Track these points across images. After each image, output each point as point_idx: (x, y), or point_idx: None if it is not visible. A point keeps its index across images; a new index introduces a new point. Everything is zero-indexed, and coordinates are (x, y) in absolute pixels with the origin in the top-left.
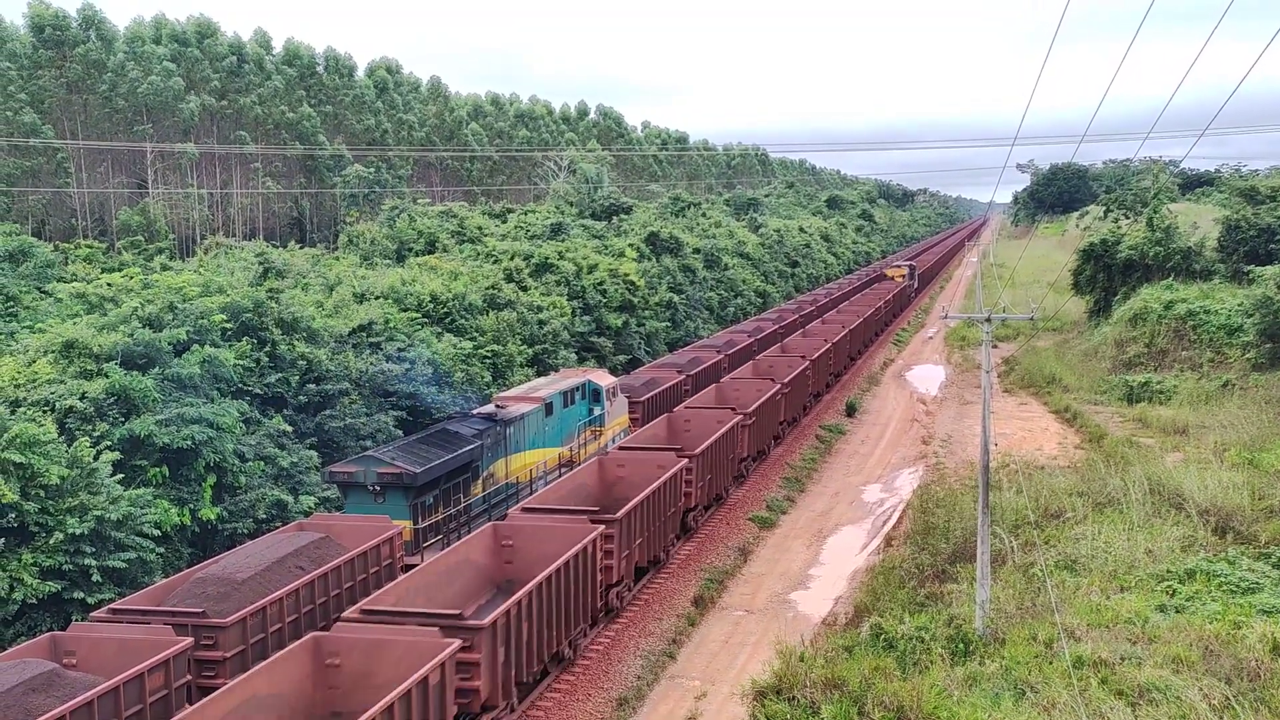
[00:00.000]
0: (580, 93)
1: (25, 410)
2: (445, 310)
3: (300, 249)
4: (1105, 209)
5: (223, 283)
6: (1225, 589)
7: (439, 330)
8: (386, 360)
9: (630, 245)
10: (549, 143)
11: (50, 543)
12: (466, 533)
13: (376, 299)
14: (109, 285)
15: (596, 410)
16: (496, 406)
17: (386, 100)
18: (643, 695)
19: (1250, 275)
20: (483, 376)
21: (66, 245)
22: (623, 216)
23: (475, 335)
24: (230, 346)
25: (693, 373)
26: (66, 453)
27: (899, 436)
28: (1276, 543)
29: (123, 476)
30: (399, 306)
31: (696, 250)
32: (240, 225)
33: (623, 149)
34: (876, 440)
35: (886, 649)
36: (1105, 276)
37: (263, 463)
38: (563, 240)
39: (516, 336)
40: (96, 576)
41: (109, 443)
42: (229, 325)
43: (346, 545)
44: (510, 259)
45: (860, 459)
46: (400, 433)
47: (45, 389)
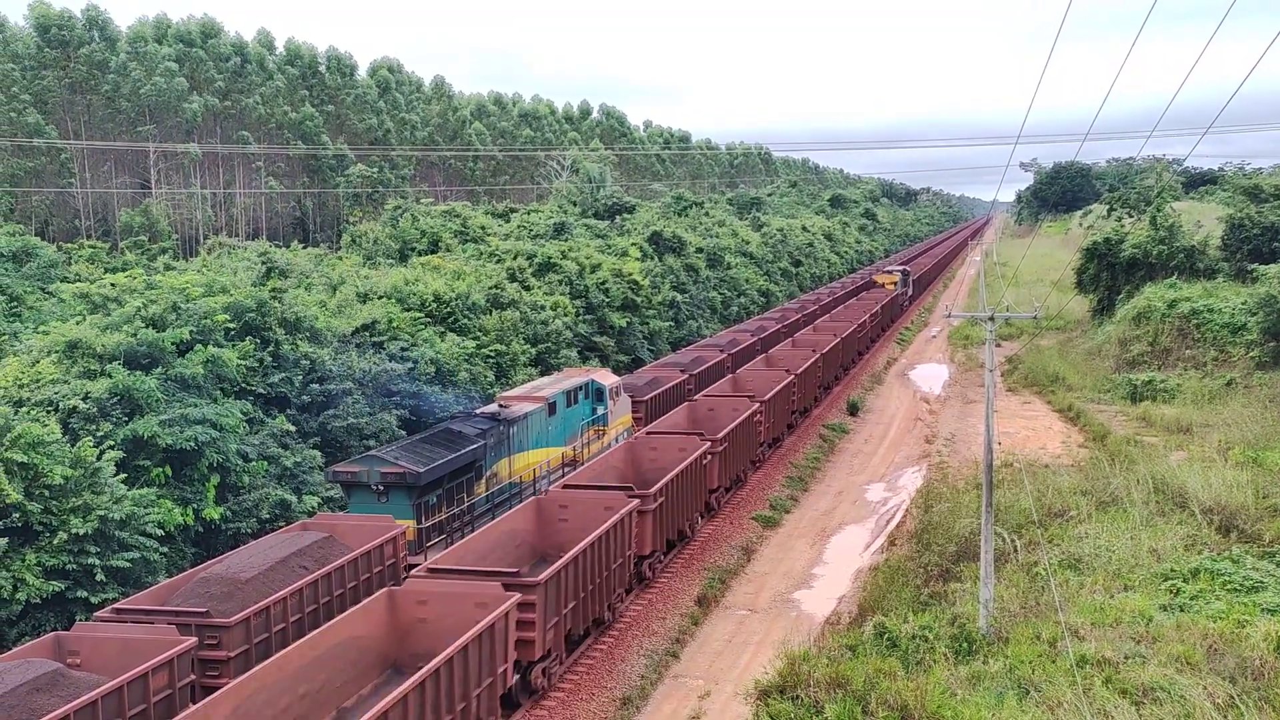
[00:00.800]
0: (582, 92)
1: (29, 410)
2: (448, 310)
3: (303, 249)
4: (1108, 208)
5: (226, 283)
6: (1229, 588)
7: (442, 330)
8: (390, 360)
9: (633, 245)
10: (552, 142)
11: (54, 542)
12: (470, 531)
13: (379, 299)
14: (112, 285)
15: (600, 409)
16: (500, 406)
17: (389, 100)
18: (646, 695)
19: (1254, 273)
20: (486, 376)
21: (70, 246)
22: (626, 216)
23: (478, 335)
24: (233, 346)
25: (696, 372)
26: (70, 453)
27: (902, 435)
28: None
29: (126, 476)
30: (402, 306)
31: (699, 249)
32: (243, 225)
33: (625, 148)
34: (880, 439)
35: (890, 648)
36: (1109, 275)
37: (266, 462)
38: (566, 240)
39: (519, 336)
40: (100, 576)
41: (112, 443)
42: (232, 325)
43: (350, 545)
44: (513, 258)
45: (864, 458)
46: (403, 432)
47: (49, 389)
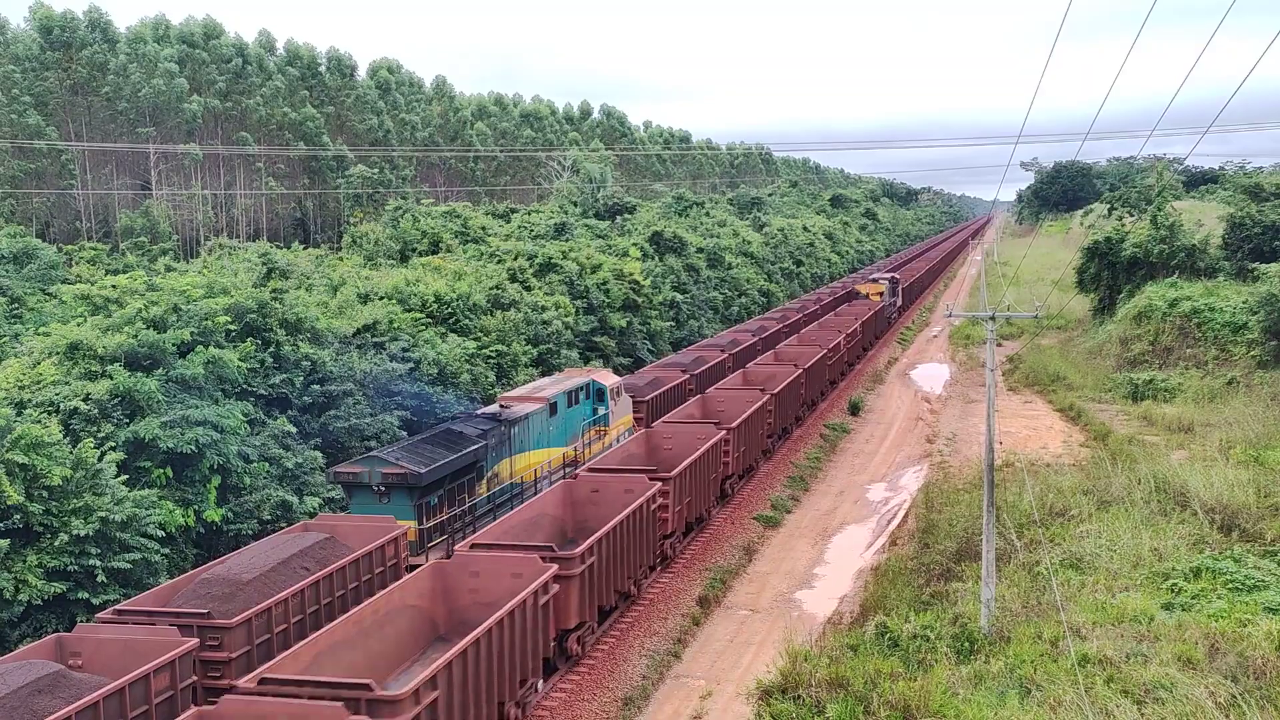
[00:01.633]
0: (581, 93)
1: (30, 412)
2: (449, 310)
3: (304, 249)
4: (1109, 207)
5: (226, 284)
6: (1231, 587)
7: (443, 330)
8: (391, 360)
9: (634, 245)
10: (553, 143)
11: (55, 544)
12: (471, 532)
13: (380, 299)
14: (113, 287)
15: (601, 410)
16: (501, 406)
17: (389, 101)
18: (648, 695)
19: (1255, 272)
20: (487, 376)
21: (71, 247)
22: (626, 216)
23: (479, 335)
24: (234, 347)
25: (697, 372)
26: (71, 454)
27: (903, 435)
28: None
29: (127, 478)
30: (403, 307)
31: (700, 249)
32: (244, 226)
33: (626, 148)
34: (881, 439)
35: (892, 648)
36: (1109, 274)
37: (267, 464)
38: (566, 240)
39: (521, 336)
40: (101, 577)
41: (113, 444)
42: (233, 326)
43: (351, 546)
44: (514, 259)
45: (865, 458)
46: (405, 433)
47: (50, 390)
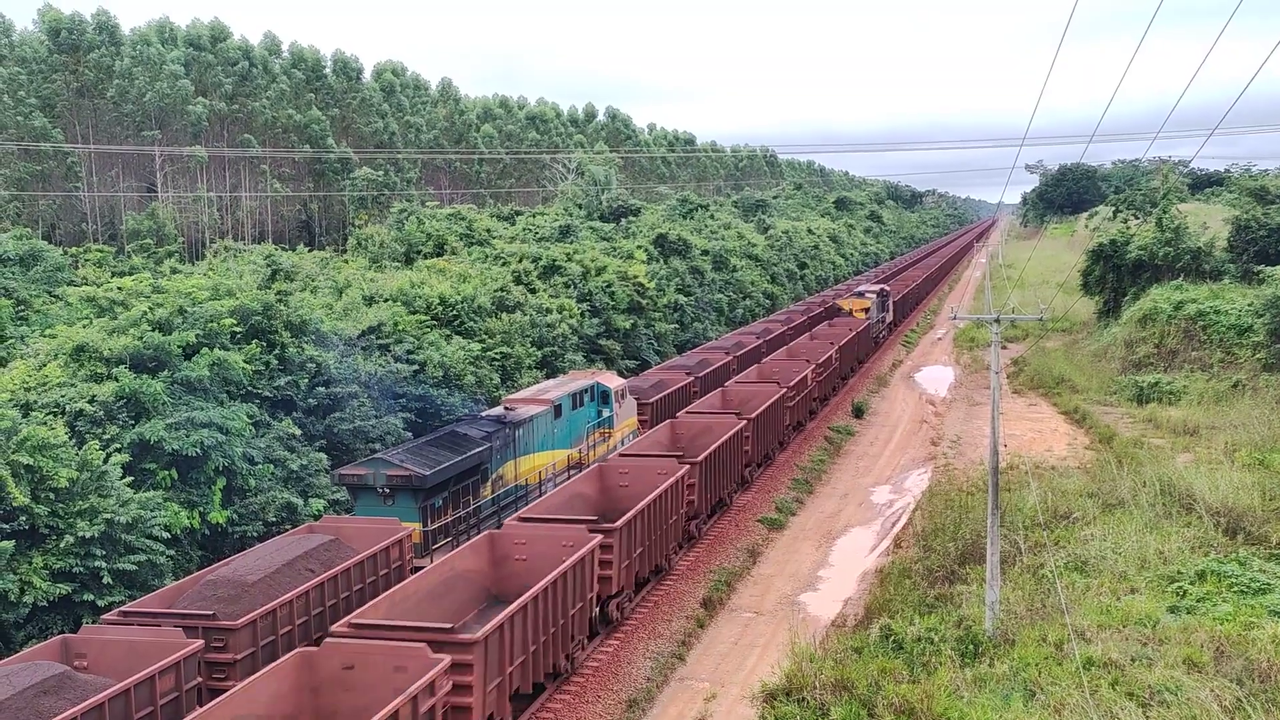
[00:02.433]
0: (584, 95)
1: (36, 414)
2: (454, 312)
3: (309, 252)
4: (1114, 209)
5: (232, 286)
6: (1236, 590)
7: (448, 332)
8: (396, 362)
9: (639, 247)
10: (558, 145)
11: (61, 545)
12: (476, 534)
13: (385, 301)
14: (119, 289)
15: (605, 412)
16: (505, 409)
17: (393, 103)
18: (652, 697)
19: (1260, 275)
20: (491, 379)
21: (76, 249)
22: (631, 218)
23: (484, 337)
24: (239, 350)
25: (701, 374)
26: (76, 456)
27: (908, 438)
28: None
29: (132, 479)
30: (408, 309)
31: (705, 252)
32: (249, 228)
33: (631, 151)
34: (885, 441)
35: (896, 650)
36: (1114, 277)
37: (272, 466)
38: (571, 242)
39: (525, 339)
40: (107, 579)
41: (119, 446)
42: (238, 328)
43: (356, 547)
44: (519, 261)
45: (869, 460)
46: (409, 435)
47: (55, 392)
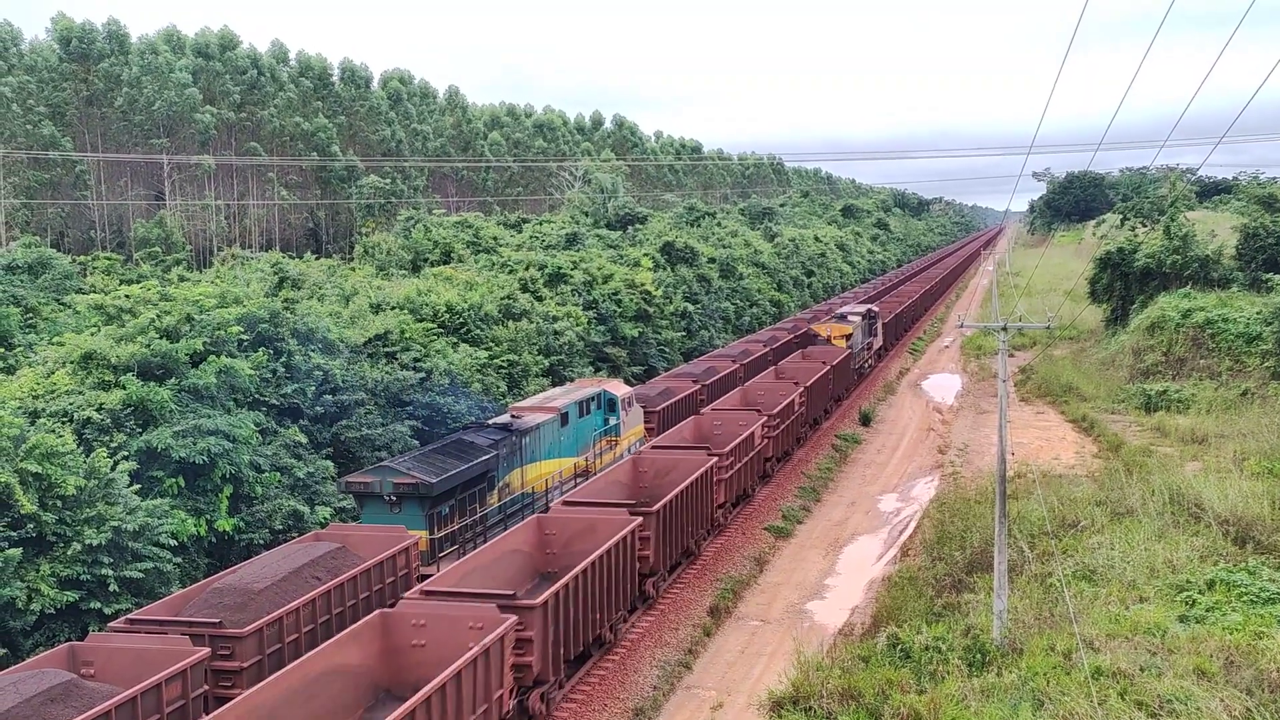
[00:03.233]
0: (592, 103)
1: (44, 421)
2: (461, 320)
3: (316, 259)
4: (1122, 217)
5: (239, 293)
6: (1246, 599)
7: (455, 340)
8: (402, 370)
9: (646, 255)
10: (565, 153)
11: (68, 553)
12: (482, 542)
13: (392, 309)
14: (127, 297)
15: (612, 420)
16: (512, 416)
17: (401, 111)
18: (659, 706)
19: (1269, 283)
20: (498, 387)
21: (85, 257)
22: (638, 226)
23: (491, 345)
24: (246, 357)
25: (708, 382)
26: (84, 463)
27: (915, 446)
28: None
29: (140, 487)
30: (415, 317)
31: (712, 260)
32: (256, 236)
33: (638, 159)
34: (893, 449)
35: (903, 659)
36: (1122, 285)
37: (279, 473)
38: (578, 250)
39: (532, 346)
40: (114, 587)
41: (126, 454)
42: (245, 336)
43: (363, 555)
44: (525, 269)
45: (876, 468)
46: (416, 443)
47: (63, 400)
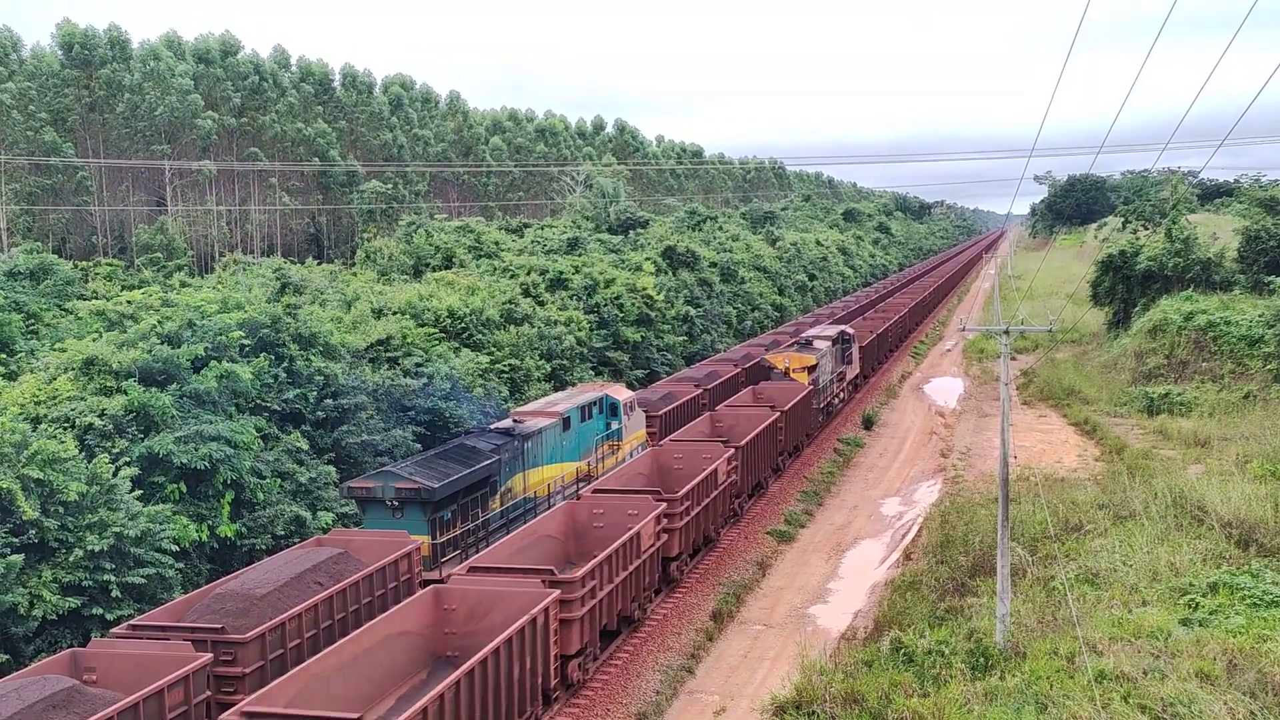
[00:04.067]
0: (590, 107)
1: (46, 427)
2: (462, 325)
3: (317, 265)
4: (1124, 220)
5: (240, 299)
6: (1249, 602)
7: (456, 345)
8: (404, 375)
9: (647, 259)
10: (566, 157)
11: (70, 559)
12: (484, 547)
13: (394, 314)
14: (129, 302)
15: (614, 424)
16: (514, 421)
17: (402, 116)
18: (661, 711)
19: (1271, 286)
20: (500, 391)
21: (87, 263)
22: (639, 230)
23: (492, 350)
24: (248, 363)
25: (710, 386)
26: (86, 469)
27: (917, 449)
28: None
29: (141, 493)
30: (416, 321)
31: (713, 264)
32: (258, 242)
33: (639, 163)
34: (895, 453)
35: (906, 663)
36: (1124, 288)
37: (281, 479)
38: (579, 255)
39: (534, 351)
40: (116, 592)
41: (128, 459)
42: (247, 341)
43: (365, 560)
44: (527, 274)
45: (879, 472)
46: (418, 447)
47: (65, 406)
